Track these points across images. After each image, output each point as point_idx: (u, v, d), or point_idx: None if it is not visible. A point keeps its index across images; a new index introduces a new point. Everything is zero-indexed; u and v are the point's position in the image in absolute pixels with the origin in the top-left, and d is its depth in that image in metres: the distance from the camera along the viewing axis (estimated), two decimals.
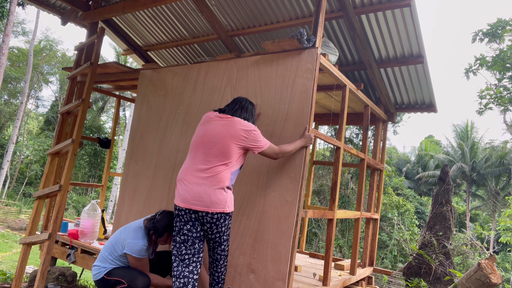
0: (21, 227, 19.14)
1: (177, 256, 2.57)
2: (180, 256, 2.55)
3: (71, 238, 4.23)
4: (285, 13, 4.24)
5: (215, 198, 2.45)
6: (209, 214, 2.46)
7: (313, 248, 14.63)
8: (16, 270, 3.36)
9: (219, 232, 2.54)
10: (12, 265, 11.57)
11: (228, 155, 2.52)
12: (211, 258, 2.69)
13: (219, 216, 2.48)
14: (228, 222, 2.58)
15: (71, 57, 29.90)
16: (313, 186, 14.12)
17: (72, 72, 4.30)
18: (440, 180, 9.77)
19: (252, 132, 2.56)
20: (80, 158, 27.25)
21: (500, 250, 20.92)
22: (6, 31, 15.19)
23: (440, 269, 8.49)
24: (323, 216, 3.24)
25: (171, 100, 3.77)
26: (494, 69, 10.25)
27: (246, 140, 2.54)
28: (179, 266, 2.54)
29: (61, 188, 3.41)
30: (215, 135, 2.55)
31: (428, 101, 4.85)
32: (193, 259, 2.56)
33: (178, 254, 2.56)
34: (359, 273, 4.11)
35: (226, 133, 2.54)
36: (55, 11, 5.05)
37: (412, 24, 3.70)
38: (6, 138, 26.58)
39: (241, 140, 2.54)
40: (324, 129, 17.81)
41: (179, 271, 2.53)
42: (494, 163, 23.46)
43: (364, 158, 4.10)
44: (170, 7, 4.90)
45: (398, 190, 19.60)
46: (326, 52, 3.49)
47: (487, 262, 3.36)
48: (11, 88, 28.05)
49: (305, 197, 5.38)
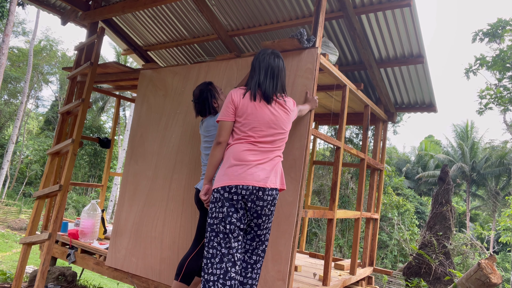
0: (21, 227, 19.15)
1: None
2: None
3: (71, 238, 4.23)
4: (285, 13, 4.24)
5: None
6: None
7: (313, 248, 14.63)
8: (16, 270, 3.36)
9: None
10: (12, 265, 11.57)
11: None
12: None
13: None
14: (211, 205, 2.27)
15: (71, 57, 29.91)
16: (313, 186, 14.12)
17: (72, 72, 4.30)
18: (440, 180, 9.77)
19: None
20: (80, 158, 27.26)
21: (500, 250, 20.93)
22: (6, 31, 15.18)
23: (440, 269, 8.49)
24: (323, 216, 3.24)
25: (171, 100, 3.77)
26: (494, 69, 10.25)
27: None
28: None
29: (61, 188, 3.41)
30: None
31: (428, 101, 4.85)
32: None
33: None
34: (359, 273, 4.11)
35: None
36: (55, 11, 5.05)
37: (412, 24, 3.70)
38: (6, 138, 26.58)
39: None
40: (324, 129, 17.81)
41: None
42: (494, 163, 23.47)
43: (364, 158, 4.10)
44: (170, 7, 4.90)
45: (398, 190, 19.62)
46: (326, 52, 3.49)
47: (487, 262, 3.36)
48: (11, 88, 28.06)
49: (305, 197, 5.37)
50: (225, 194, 2.18)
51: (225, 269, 2.14)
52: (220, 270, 2.14)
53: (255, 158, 2.22)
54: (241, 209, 2.20)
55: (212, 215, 2.24)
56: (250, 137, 2.25)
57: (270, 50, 2.44)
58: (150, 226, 3.56)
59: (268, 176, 2.22)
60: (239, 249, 2.23)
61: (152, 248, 3.51)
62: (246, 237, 2.33)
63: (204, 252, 2.27)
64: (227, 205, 2.18)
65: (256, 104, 2.27)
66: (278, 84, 2.36)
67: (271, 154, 2.27)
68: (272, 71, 2.35)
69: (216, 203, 2.22)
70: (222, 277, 2.12)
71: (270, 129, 2.26)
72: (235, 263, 2.17)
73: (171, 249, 3.37)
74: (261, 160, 2.23)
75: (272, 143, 2.28)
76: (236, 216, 2.18)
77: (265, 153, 2.25)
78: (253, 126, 2.25)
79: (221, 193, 2.19)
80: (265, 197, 2.22)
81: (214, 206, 2.23)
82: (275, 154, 2.30)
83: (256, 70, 2.36)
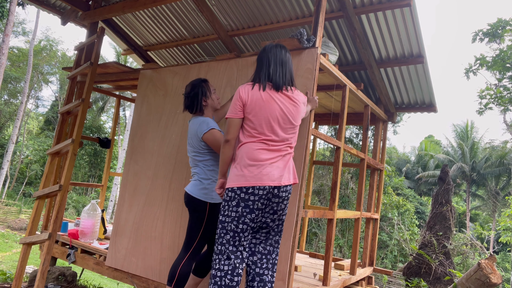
0: (21, 227, 19.15)
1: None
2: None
3: (71, 238, 4.23)
4: (285, 13, 4.24)
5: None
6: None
7: (313, 248, 14.64)
8: (16, 270, 3.37)
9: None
10: (12, 265, 11.58)
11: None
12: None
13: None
14: (225, 203, 2.30)
15: (71, 57, 29.91)
16: (313, 186, 14.12)
17: (72, 72, 4.30)
18: (440, 180, 9.77)
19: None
20: (80, 158, 27.26)
21: (500, 250, 20.93)
22: (6, 31, 15.18)
23: (440, 269, 8.49)
24: (323, 216, 3.24)
25: (171, 100, 3.77)
26: (494, 69, 10.25)
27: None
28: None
29: (61, 188, 3.41)
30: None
31: (428, 101, 4.85)
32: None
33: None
34: (359, 273, 4.11)
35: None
36: (55, 11, 5.05)
37: (412, 24, 3.70)
38: (6, 138, 26.58)
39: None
40: (324, 129, 17.82)
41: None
42: (494, 163, 23.48)
43: (364, 158, 4.10)
44: (170, 7, 4.90)
45: (398, 190, 19.62)
46: (326, 52, 3.49)
47: (487, 262, 3.36)
48: (11, 88, 28.06)
49: (305, 197, 5.38)
50: (241, 195, 2.21)
51: (233, 265, 2.20)
52: (228, 266, 2.20)
53: (268, 156, 2.24)
54: (256, 209, 2.23)
55: (224, 213, 2.26)
56: (261, 135, 2.26)
57: (276, 43, 2.46)
58: (150, 226, 3.56)
59: (282, 174, 2.26)
60: (247, 246, 2.31)
61: (152, 248, 3.51)
62: (262, 231, 2.38)
63: (214, 247, 2.32)
64: (243, 205, 2.21)
65: (264, 99, 2.26)
66: (287, 74, 2.36)
67: (283, 151, 2.31)
68: (281, 61, 2.36)
69: (230, 202, 2.24)
70: (230, 273, 2.18)
71: (279, 126, 2.27)
72: (243, 260, 2.25)
73: (171, 249, 3.37)
74: (274, 158, 2.26)
75: (283, 141, 2.30)
76: (250, 217, 2.22)
77: (277, 151, 2.28)
78: (263, 123, 2.25)
79: (238, 193, 2.22)
80: (280, 193, 2.27)
81: (227, 205, 2.25)
82: (286, 151, 2.33)
83: (264, 63, 2.36)
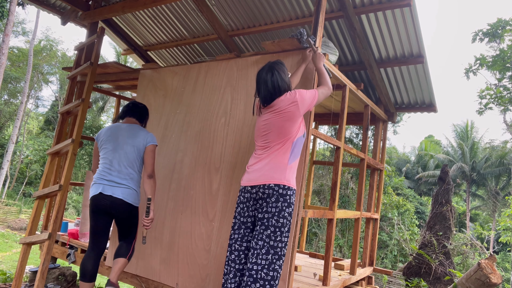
0: (21, 227, 19.14)
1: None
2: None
3: (70, 237, 4.23)
4: (285, 13, 4.24)
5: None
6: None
7: (313, 248, 14.64)
8: (16, 270, 3.37)
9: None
10: (12, 265, 11.58)
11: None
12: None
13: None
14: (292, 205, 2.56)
15: (71, 57, 29.88)
16: (313, 186, 14.12)
17: (72, 72, 4.31)
18: (440, 180, 9.77)
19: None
20: (80, 158, 27.23)
21: (500, 250, 20.92)
22: (6, 31, 15.18)
23: (440, 269, 8.48)
24: (323, 216, 3.24)
25: (171, 100, 3.77)
26: (494, 69, 10.25)
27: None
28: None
29: (61, 188, 3.41)
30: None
31: (428, 101, 4.85)
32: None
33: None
34: (359, 273, 4.11)
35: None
36: (55, 11, 5.05)
37: (412, 24, 3.70)
38: (6, 138, 26.57)
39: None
40: (324, 129, 17.82)
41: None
42: (494, 163, 23.47)
43: (364, 158, 4.10)
44: (170, 7, 4.90)
45: (398, 190, 19.61)
46: (326, 52, 3.49)
47: (487, 262, 3.36)
48: (11, 88, 28.04)
49: (305, 197, 5.38)
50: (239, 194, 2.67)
51: (228, 256, 2.57)
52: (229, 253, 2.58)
53: (251, 163, 2.61)
54: (241, 203, 2.58)
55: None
56: (256, 148, 2.64)
57: (267, 65, 2.62)
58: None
59: (259, 175, 2.50)
60: (238, 240, 2.55)
61: (152, 248, 3.51)
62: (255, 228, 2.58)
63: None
64: (237, 202, 2.64)
65: (258, 117, 2.66)
66: (271, 90, 2.54)
67: (263, 156, 2.55)
68: (265, 83, 2.56)
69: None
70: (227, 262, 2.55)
71: (262, 138, 2.58)
72: (232, 252, 2.56)
73: (171, 249, 3.37)
74: (254, 163, 2.57)
75: (266, 148, 2.55)
76: (237, 211, 2.59)
77: (258, 157, 2.57)
78: (255, 138, 2.65)
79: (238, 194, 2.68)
80: (258, 193, 2.49)
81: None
82: (267, 157, 2.54)
83: (256, 87, 2.67)
